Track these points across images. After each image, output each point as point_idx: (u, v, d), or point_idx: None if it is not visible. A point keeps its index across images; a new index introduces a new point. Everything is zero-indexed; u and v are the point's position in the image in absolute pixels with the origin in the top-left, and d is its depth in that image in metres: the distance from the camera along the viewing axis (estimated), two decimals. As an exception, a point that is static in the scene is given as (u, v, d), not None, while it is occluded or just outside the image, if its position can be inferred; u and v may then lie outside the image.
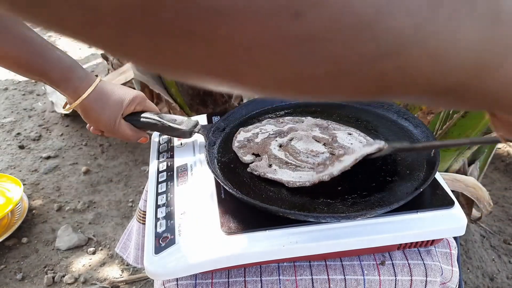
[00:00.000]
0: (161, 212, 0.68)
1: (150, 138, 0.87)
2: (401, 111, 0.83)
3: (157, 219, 0.67)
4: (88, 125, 0.79)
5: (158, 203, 0.70)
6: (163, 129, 0.79)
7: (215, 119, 0.87)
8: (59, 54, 0.70)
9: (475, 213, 1.47)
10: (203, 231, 0.63)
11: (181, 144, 0.82)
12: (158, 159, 0.81)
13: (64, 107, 0.76)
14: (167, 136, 0.85)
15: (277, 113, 0.87)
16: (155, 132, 0.87)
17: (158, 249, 0.61)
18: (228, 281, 0.64)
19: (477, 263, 1.48)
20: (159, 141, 0.86)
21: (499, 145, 2.07)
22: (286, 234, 0.61)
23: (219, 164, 0.72)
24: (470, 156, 1.27)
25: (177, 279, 0.64)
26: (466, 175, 1.29)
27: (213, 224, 0.63)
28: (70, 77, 0.71)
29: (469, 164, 1.30)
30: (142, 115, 0.79)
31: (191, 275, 0.64)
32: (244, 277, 0.64)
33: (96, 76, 0.74)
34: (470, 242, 1.54)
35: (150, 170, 0.80)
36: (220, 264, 0.60)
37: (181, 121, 0.79)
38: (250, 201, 0.61)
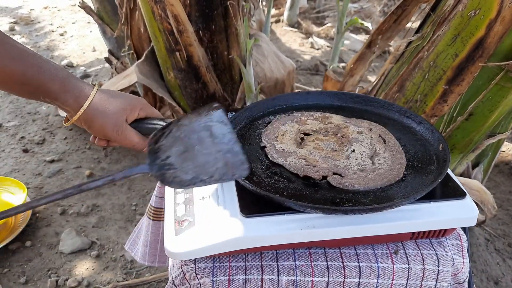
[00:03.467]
0: (181, 198, 0.69)
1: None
2: (402, 109, 0.85)
3: (176, 204, 0.68)
4: (92, 137, 0.76)
5: (177, 190, 0.72)
6: None
7: (230, 115, 0.88)
8: (54, 65, 0.67)
9: (479, 216, 1.46)
10: (221, 213, 0.64)
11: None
12: None
13: (64, 122, 0.72)
14: None
15: (281, 114, 0.87)
16: None
17: (178, 231, 0.63)
18: (245, 265, 0.65)
19: (481, 266, 1.47)
20: None
21: (503, 148, 2.07)
22: (303, 218, 0.62)
23: None
24: (474, 159, 1.27)
25: (195, 262, 0.65)
26: (470, 178, 1.28)
27: (231, 207, 0.64)
28: (69, 88, 0.67)
29: (473, 167, 1.30)
30: (148, 121, 0.77)
31: (209, 258, 0.65)
32: (261, 262, 0.65)
33: (93, 85, 0.71)
34: (474, 245, 1.54)
35: None
36: (238, 246, 0.62)
37: None
38: (276, 199, 0.62)
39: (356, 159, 0.73)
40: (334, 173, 0.69)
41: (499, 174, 1.94)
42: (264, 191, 0.63)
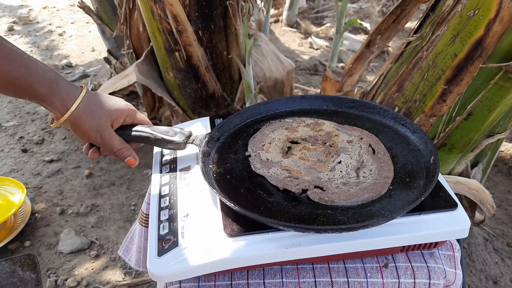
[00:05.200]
0: (164, 215, 0.68)
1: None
2: (398, 117, 0.82)
3: (160, 221, 0.67)
4: (84, 148, 0.76)
5: (161, 206, 0.70)
6: (156, 141, 0.76)
7: (218, 121, 0.87)
8: (42, 66, 0.66)
9: (478, 216, 1.46)
10: (206, 233, 0.63)
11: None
12: (161, 161, 0.81)
13: (51, 123, 0.71)
14: None
15: (272, 121, 0.85)
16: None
17: (161, 251, 0.61)
18: (231, 284, 0.64)
19: (480, 266, 1.48)
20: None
21: (502, 148, 2.07)
22: (289, 236, 0.61)
23: (215, 175, 0.71)
24: (473, 159, 1.27)
25: (180, 282, 0.64)
26: (469, 177, 1.28)
27: (216, 227, 0.63)
28: (56, 90, 0.66)
29: (472, 167, 1.30)
30: (134, 128, 0.76)
31: (194, 277, 0.64)
32: (247, 280, 0.64)
33: (82, 87, 0.71)
34: (473, 245, 1.54)
35: (153, 172, 0.80)
36: (223, 267, 0.60)
37: (175, 133, 0.77)
38: (248, 215, 0.60)
39: (340, 171, 0.70)
40: (315, 186, 0.67)
41: (497, 173, 1.95)
42: (238, 206, 0.60)
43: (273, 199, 0.65)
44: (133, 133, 0.76)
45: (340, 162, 0.72)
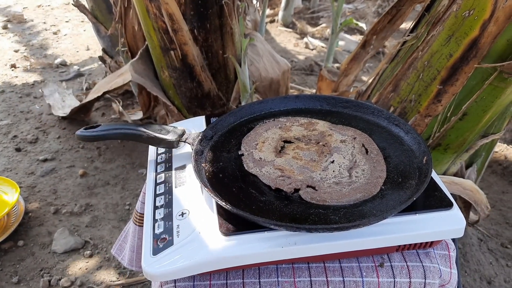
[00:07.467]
0: (159, 214, 0.67)
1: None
2: (392, 117, 0.82)
3: (155, 220, 0.67)
4: None
5: (156, 205, 0.70)
6: (148, 140, 0.76)
7: (213, 120, 0.87)
8: None
9: (472, 216, 1.47)
10: (201, 232, 0.62)
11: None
12: (157, 160, 0.81)
13: None
14: None
15: (266, 120, 0.85)
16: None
17: (156, 250, 0.61)
18: (227, 283, 0.63)
19: (474, 266, 1.48)
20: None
21: (496, 149, 2.08)
22: (284, 235, 0.60)
23: (207, 174, 0.70)
24: (467, 159, 1.28)
25: (175, 281, 0.64)
26: (463, 178, 1.29)
27: (211, 225, 0.62)
28: None
29: (467, 167, 1.30)
30: (126, 126, 0.76)
31: (189, 276, 0.64)
32: (243, 279, 0.64)
33: None
34: (467, 245, 1.54)
35: (148, 171, 0.79)
36: (218, 266, 0.60)
37: (167, 131, 0.76)
38: (240, 213, 0.60)
39: (333, 171, 0.70)
40: (308, 186, 0.67)
41: (492, 174, 1.96)
42: (230, 205, 0.60)
43: (265, 198, 0.65)
44: (125, 131, 0.75)
45: (333, 162, 0.72)
